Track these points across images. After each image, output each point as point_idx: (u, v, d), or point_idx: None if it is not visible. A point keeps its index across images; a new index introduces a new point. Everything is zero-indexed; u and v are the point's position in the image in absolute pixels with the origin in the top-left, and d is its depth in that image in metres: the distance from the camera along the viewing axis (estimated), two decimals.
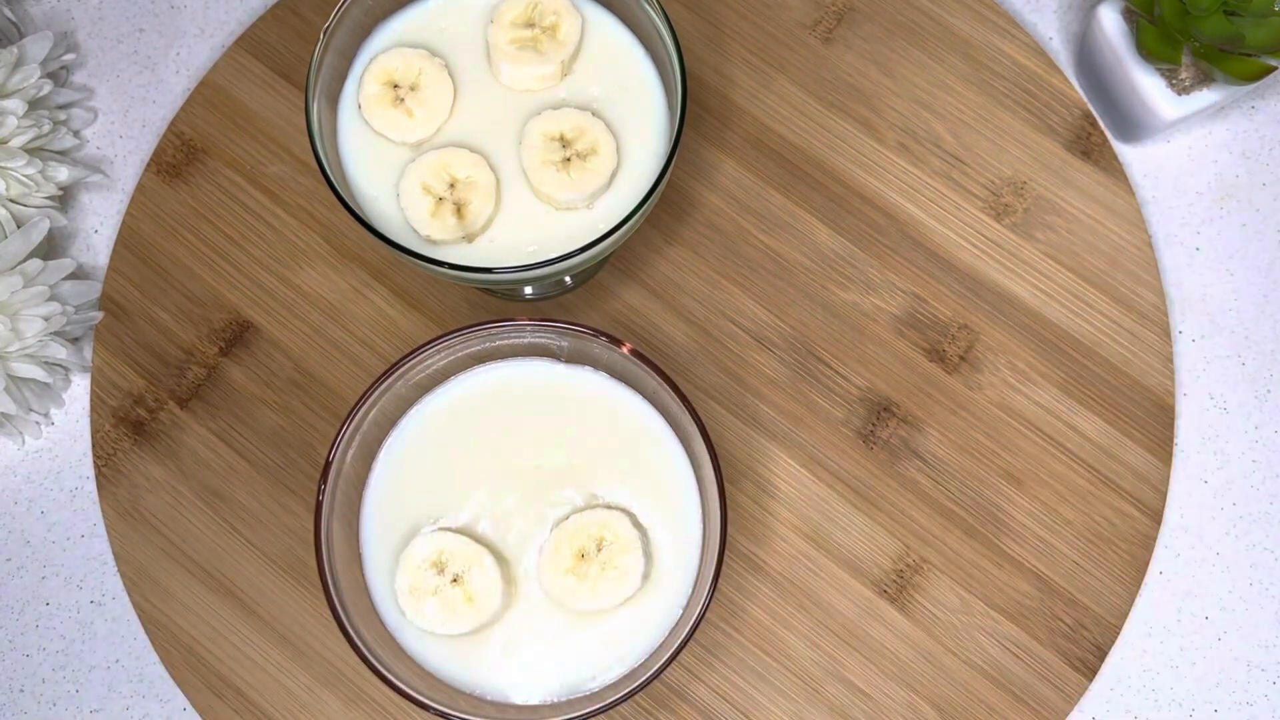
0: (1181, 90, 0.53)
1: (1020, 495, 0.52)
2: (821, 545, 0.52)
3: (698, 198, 0.56)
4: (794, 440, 0.53)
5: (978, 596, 0.51)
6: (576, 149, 0.44)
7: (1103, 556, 0.52)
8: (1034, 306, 0.55)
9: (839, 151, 0.56)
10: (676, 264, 0.55)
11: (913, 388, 0.54)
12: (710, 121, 0.57)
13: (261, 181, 0.56)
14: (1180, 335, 0.56)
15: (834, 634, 0.51)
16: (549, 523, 0.42)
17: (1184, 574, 0.53)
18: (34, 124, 0.53)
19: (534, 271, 0.42)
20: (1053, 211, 0.56)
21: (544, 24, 0.45)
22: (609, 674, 0.41)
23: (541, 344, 0.43)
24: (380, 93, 0.45)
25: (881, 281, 0.55)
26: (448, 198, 0.44)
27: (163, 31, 0.61)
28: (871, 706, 0.50)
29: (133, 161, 0.59)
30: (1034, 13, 0.60)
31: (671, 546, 0.42)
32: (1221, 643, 0.53)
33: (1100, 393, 0.53)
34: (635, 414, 0.44)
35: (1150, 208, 0.58)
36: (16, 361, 0.52)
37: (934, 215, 0.56)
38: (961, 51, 0.58)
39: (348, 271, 0.55)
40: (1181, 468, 0.54)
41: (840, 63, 0.57)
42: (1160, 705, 0.52)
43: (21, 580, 0.54)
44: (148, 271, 0.56)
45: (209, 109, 0.57)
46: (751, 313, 0.54)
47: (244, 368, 0.54)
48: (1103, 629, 0.51)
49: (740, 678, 0.51)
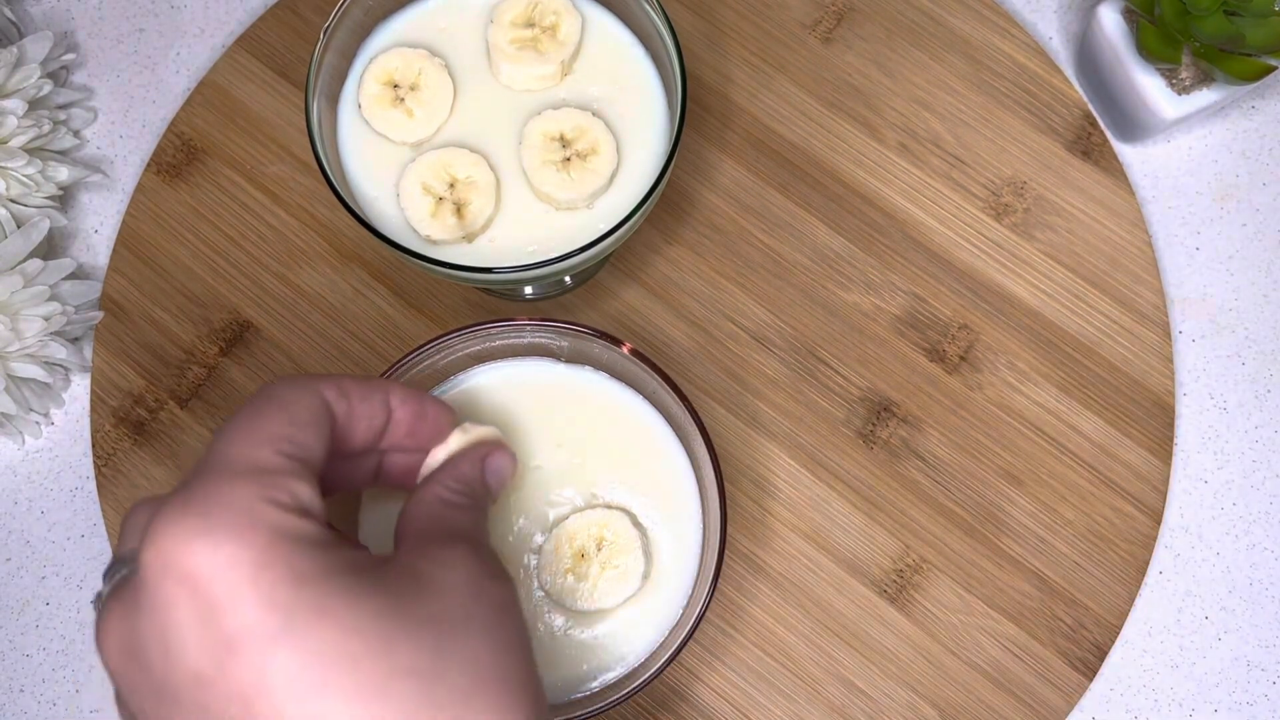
0: (1181, 90, 0.53)
1: (1020, 495, 0.52)
2: (821, 545, 0.52)
3: (698, 198, 0.56)
4: (794, 440, 0.53)
5: (978, 596, 0.51)
6: (576, 149, 0.44)
7: (1103, 556, 0.52)
8: (1034, 306, 0.55)
9: (839, 151, 0.56)
10: (676, 264, 0.55)
11: (913, 388, 0.54)
12: (710, 121, 0.57)
13: (261, 181, 0.56)
14: (1180, 335, 0.56)
15: (834, 634, 0.51)
16: (549, 522, 0.42)
17: (1184, 574, 0.53)
18: (34, 124, 0.54)
19: (534, 271, 0.42)
20: (1053, 211, 0.56)
21: (544, 24, 0.45)
22: (609, 674, 0.41)
23: (541, 344, 0.43)
24: (380, 93, 0.45)
25: (882, 281, 0.55)
26: (448, 198, 0.44)
27: (163, 31, 0.61)
28: (871, 706, 0.50)
29: (133, 161, 0.59)
30: (1034, 13, 0.60)
31: (671, 546, 0.42)
32: (1221, 643, 0.53)
33: (1100, 392, 0.53)
34: (635, 414, 0.44)
35: (1150, 208, 0.58)
36: (16, 361, 0.52)
37: (934, 215, 0.56)
38: (961, 51, 0.58)
39: (348, 271, 0.55)
40: (1181, 468, 0.54)
41: (840, 63, 0.58)
42: (1160, 705, 0.52)
43: (21, 580, 0.54)
44: (148, 271, 0.56)
45: (209, 109, 0.57)
46: (751, 313, 0.54)
47: (244, 368, 0.54)
48: (1103, 629, 0.51)
49: (740, 678, 0.51)
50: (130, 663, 0.27)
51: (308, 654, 0.25)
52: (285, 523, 0.27)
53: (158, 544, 0.26)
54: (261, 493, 0.27)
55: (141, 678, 0.27)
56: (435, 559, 0.30)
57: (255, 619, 0.25)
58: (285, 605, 0.26)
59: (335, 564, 0.27)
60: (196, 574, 0.25)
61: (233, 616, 0.25)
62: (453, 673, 0.27)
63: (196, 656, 0.25)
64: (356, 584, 0.27)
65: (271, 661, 0.25)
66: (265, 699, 0.25)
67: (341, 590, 0.27)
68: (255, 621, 0.25)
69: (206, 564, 0.25)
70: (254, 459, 0.28)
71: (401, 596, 0.28)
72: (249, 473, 0.27)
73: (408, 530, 0.33)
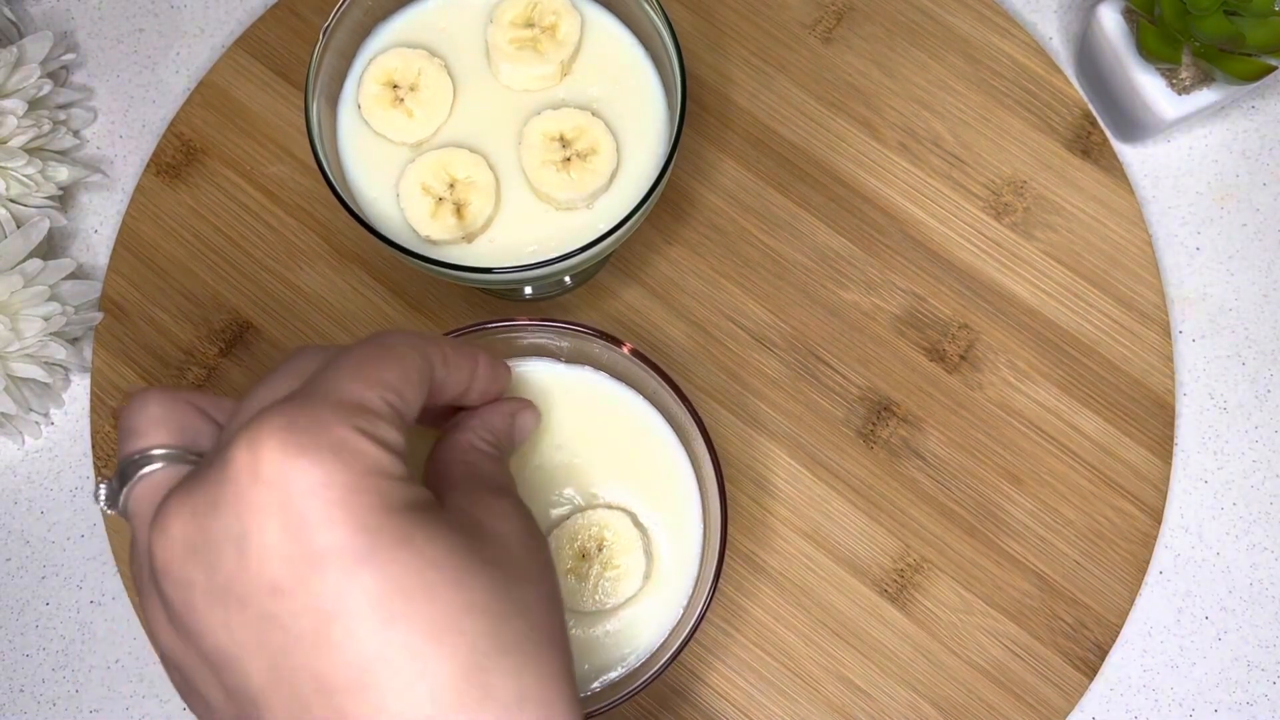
0: (1181, 90, 0.53)
1: (1020, 494, 0.52)
2: (822, 545, 0.52)
3: (698, 198, 0.56)
4: (794, 440, 0.53)
5: (978, 596, 0.51)
6: (576, 149, 0.44)
7: (1103, 556, 0.52)
8: (1034, 306, 0.55)
9: (839, 151, 0.56)
10: (676, 264, 0.55)
11: (913, 387, 0.54)
12: (710, 121, 0.57)
13: (261, 181, 0.56)
14: (1180, 335, 0.56)
15: (834, 633, 0.51)
16: (550, 522, 0.42)
17: (1184, 574, 0.53)
18: (34, 124, 0.53)
19: (534, 271, 0.42)
20: (1053, 211, 0.56)
21: (543, 24, 0.45)
22: (610, 674, 0.41)
23: (541, 344, 0.43)
24: (380, 93, 0.45)
25: (882, 281, 0.55)
26: (447, 198, 0.44)
27: (163, 31, 0.61)
28: (872, 706, 0.50)
29: (133, 161, 0.59)
30: (1034, 12, 0.60)
31: (672, 546, 0.42)
32: (1221, 643, 0.53)
33: (1100, 392, 0.53)
34: (635, 414, 0.44)
35: (1150, 207, 0.58)
36: (16, 361, 0.52)
37: (934, 215, 0.56)
38: (961, 51, 0.58)
39: (348, 271, 0.55)
40: (1181, 467, 0.54)
41: (840, 62, 0.57)
42: (1160, 705, 0.52)
43: (21, 580, 0.54)
44: (148, 272, 0.56)
45: (209, 109, 0.57)
46: (751, 313, 0.54)
47: (244, 368, 0.54)
48: (1103, 628, 0.51)
49: (741, 677, 0.51)
50: (193, 559, 0.27)
51: (389, 579, 0.26)
52: (380, 457, 0.27)
53: (257, 452, 0.26)
54: (364, 426, 0.28)
55: (202, 576, 0.27)
56: (489, 508, 0.31)
57: (344, 539, 0.26)
58: (373, 530, 0.26)
59: (417, 500, 0.28)
60: (291, 487, 0.26)
61: (322, 533, 0.26)
62: (515, 618, 0.28)
63: (278, 566, 0.26)
64: (434, 520, 0.28)
65: (355, 582, 0.26)
66: (341, 618, 0.26)
67: (422, 524, 0.27)
68: (343, 541, 0.26)
69: (303, 480, 0.26)
70: (362, 398, 0.28)
71: (477, 541, 0.29)
72: (355, 409, 0.28)
73: (445, 474, 0.34)
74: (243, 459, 0.26)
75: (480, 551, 0.29)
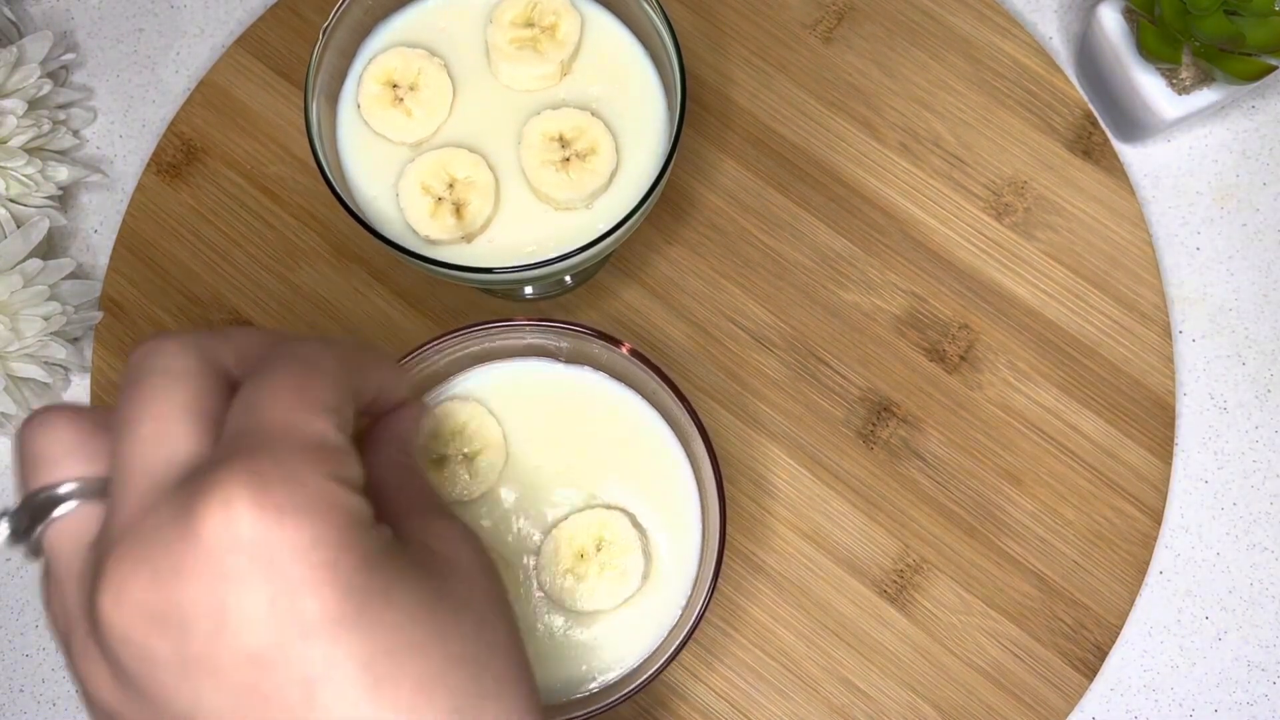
0: (1181, 90, 0.53)
1: (1020, 495, 0.52)
2: (821, 545, 0.52)
3: (698, 198, 0.56)
4: (794, 440, 0.53)
5: (978, 596, 0.51)
6: (576, 149, 0.44)
7: (1103, 556, 0.52)
8: (1034, 306, 0.54)
9: (839, 151, 0.56)
10: (676, 264, 0.55)
11: (913, 387, 0.54)
12: (710, 121, 0.57)
13: (262, 181, 0.56)
14: (1180, 335, 0.56)
15: (834, 634, 0.51)
16: (548, 523, 0.42)
17: (1184, 574, 0.53)
18: (34, 124, 0.54)
19: (534, 271, 0.42)
20: (1053, 211, 0.56)
21: (543, 24, 0.45)
22: (609, 674, 0.41)
23: (541, 344, 0.43)
24: (380, 93, 0.45)
25: (882, 281, 0.55)
26: (447, 198, 0.44)
27: (163, 31, 0.61)
28: (872, 706, 0.50)
29: (133, 161, 0.59)
30: (1034, 12, 0.60)
31: (671, 546, 0.42)
32: (1221, 643, 0.53)
33: (1100, 392, 0.53)
34: (635, 414, 0.44)
35: (1150, 208, 0.58)
36: (16, 361, 0.52)
37: (934, 215, 0.56)
38: (962, 51, 0.57)
39: (348, 271, 0.55)
40: (1182, 468, 0.54)
41: (840, 62, 0.57)
42: (1160, 705, 0.52)
43: (21, 580, 0.54)
44: (148, 271, 0.56)
45: (209, 109, 0.57)
46: (751, 313, 0.54)
47: None
48: (1103, 629, 0.51)
49: (740, 678, 0.51)
50: (157, 629, 0.25)
51: (375, 642, 0.25)
52: (358, 506, 0.26)
53: (231, 513, 0.24)
54: (333, 470, 0.26)
55: (168, 647, 0.25)
56: (441, 537, 0.30)
57: (332, 605, 0.24)
58: (358, 590, 0.25)
59: (387, 544, 0.27)
60: (276, 553, 0.24)
61: (312, 600, 0.24)
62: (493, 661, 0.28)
63: (261, 636, 0.24)
64: (407, 566, 0.27)
65: (342, 649, 0.25)
66: (330, 684, 0.25)
67: (398, 574, 0.26)
68: (333, 606, 0.24)
69: (288, 544, 0.24)
70: (318, 432, 0.27)
71: (442, 580, 0.28)
72: (319, 451, 0.26)
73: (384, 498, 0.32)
74: (215, 520, 0.24)
75: (451, 595, 0.28)
